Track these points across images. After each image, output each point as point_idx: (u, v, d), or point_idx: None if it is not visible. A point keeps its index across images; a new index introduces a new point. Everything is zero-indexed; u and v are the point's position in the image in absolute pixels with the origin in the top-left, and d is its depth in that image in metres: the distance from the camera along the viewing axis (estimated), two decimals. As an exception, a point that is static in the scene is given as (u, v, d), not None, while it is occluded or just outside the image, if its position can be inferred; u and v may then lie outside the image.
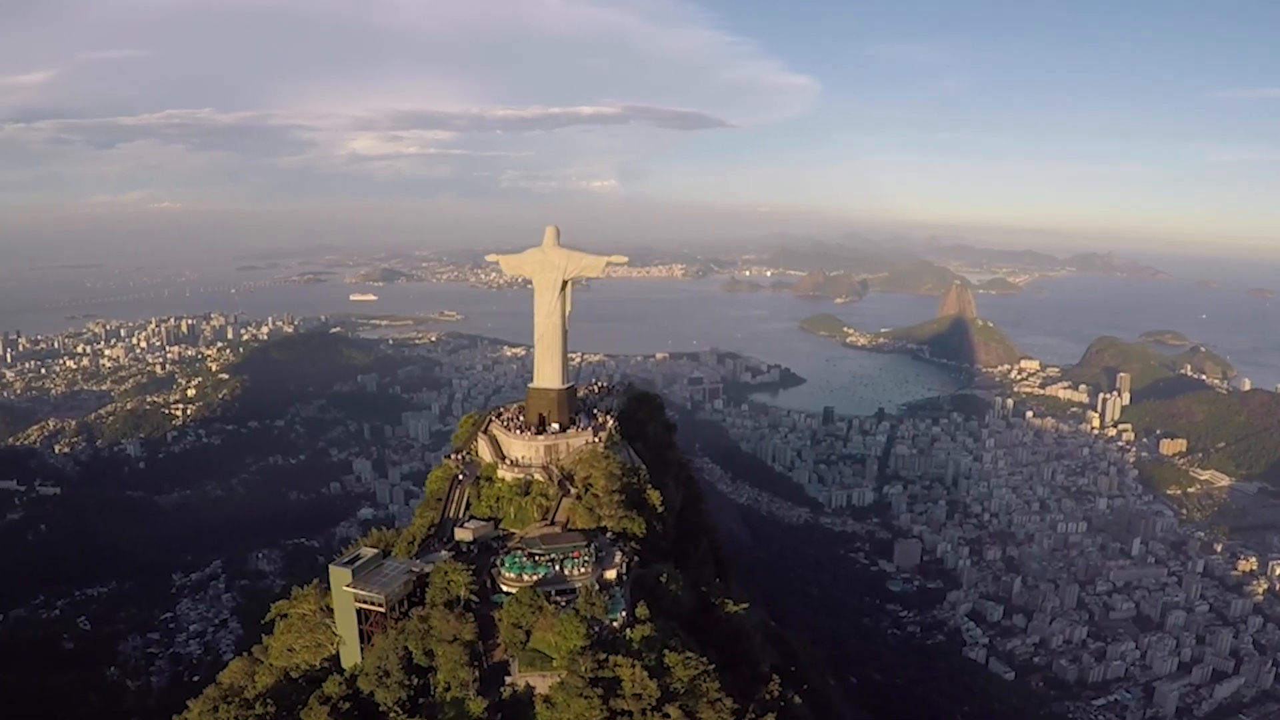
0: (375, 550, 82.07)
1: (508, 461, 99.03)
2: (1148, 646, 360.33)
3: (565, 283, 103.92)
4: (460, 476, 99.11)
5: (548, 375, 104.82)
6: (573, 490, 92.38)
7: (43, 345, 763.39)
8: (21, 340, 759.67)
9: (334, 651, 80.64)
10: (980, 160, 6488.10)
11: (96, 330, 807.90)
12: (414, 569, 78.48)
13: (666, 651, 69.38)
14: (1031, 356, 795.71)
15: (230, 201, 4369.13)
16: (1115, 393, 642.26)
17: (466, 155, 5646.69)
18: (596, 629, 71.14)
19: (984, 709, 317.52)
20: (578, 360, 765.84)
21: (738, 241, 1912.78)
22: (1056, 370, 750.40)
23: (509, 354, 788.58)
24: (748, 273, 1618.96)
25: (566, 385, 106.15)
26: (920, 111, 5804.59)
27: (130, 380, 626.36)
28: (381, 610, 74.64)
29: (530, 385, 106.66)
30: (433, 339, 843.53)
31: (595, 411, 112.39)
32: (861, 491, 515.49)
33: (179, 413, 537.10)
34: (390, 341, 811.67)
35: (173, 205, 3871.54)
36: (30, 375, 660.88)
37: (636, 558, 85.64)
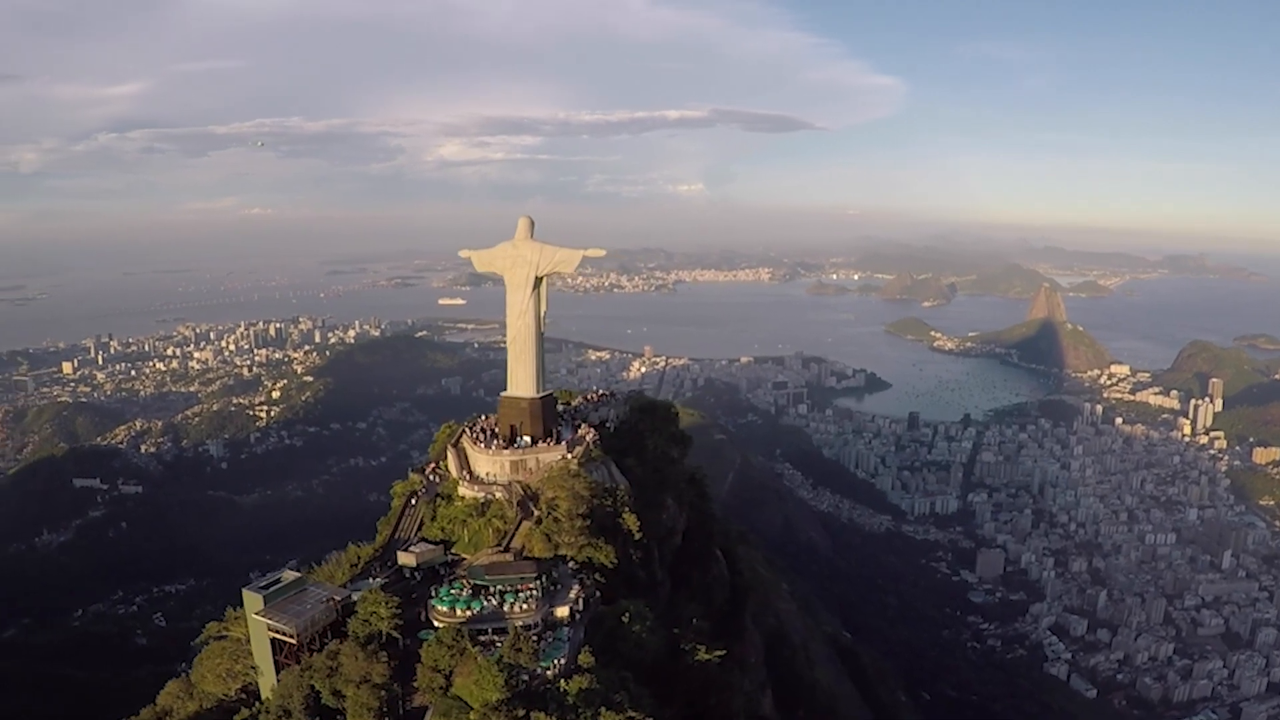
0: (297, 574, 74.58)
1: (472, 478, 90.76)
2: (1236, 665, 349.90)
3: (540, 280, 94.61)
4: (419, 492, 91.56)
5: (520, 382, 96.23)
6: (535, 512, 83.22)
7: (133, 348, 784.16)
8: (113, 343, 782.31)
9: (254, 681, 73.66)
10: (1070, 159, 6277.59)
11: (186, 333, 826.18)
12: (335, 597, 70.90)
13: (604, 710, 59.77)
14: (1121, 361, 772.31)
15: (320, 207, 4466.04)
16: (1207, 399, 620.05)
17: (553, 160, 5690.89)
18: (522, 678, 61.99)
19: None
20: (661, 364, 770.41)
21: (825, 245, 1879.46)
22: (1147, 375, 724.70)
23: (593, 357, 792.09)
24: (834, 276, 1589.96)
25: (542, 394, 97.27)
26: (1007, 110, 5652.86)
27: (217, 382, 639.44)
28: (293, 642, 67.19)
29: (502, 394, 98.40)
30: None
31: (581, 423, 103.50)
32: (945, 499, 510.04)
33: (263, 414, 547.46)
34: (476, 345, 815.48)
35: (263, 211, 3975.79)
36: (120, 377, 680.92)
37: (599, 593, 76.39)
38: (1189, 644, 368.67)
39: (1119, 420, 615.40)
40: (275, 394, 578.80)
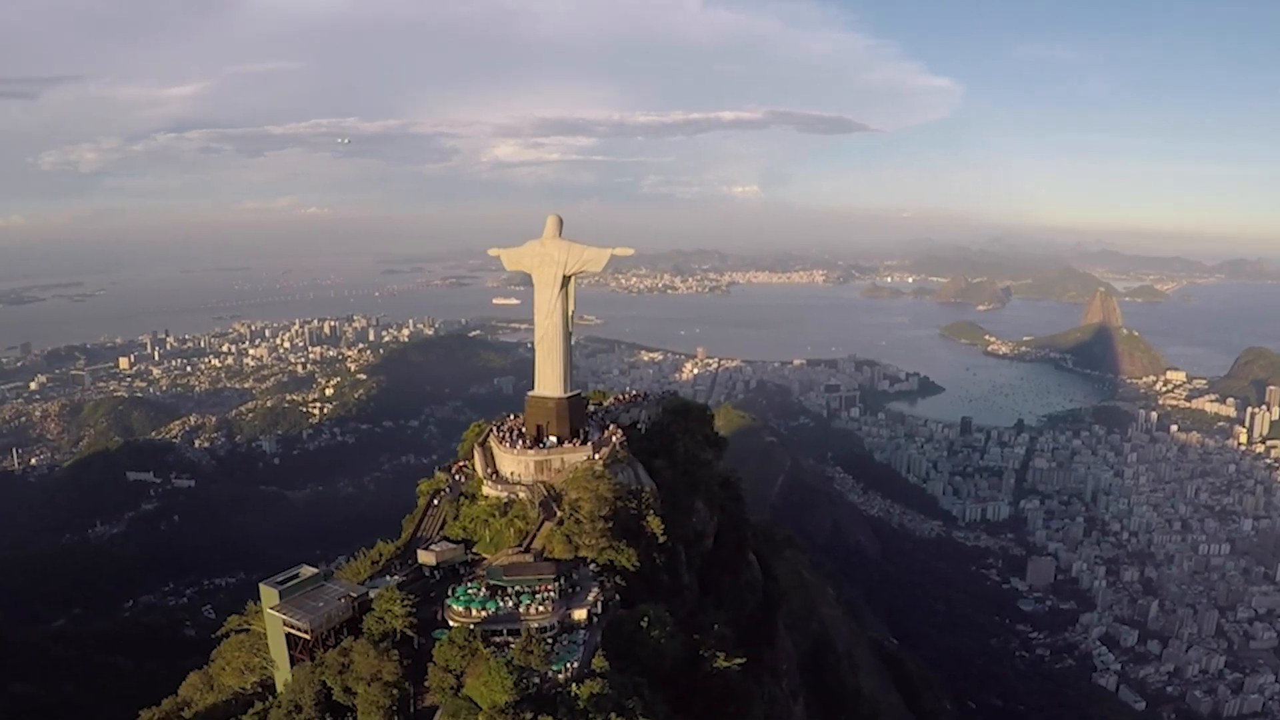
0: (315, 570, 74.23)
1: (498, 477, 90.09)
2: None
3: (568, 279, 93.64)
4: (444, 491, 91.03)
5: (548, 382, 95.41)
6: (558, 513, 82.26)
7: (189, 344, 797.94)
8: (169, 339, 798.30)
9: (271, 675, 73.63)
10: (1126, 162, 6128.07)
11: (242, 330, 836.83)
12: (352, 594, 70.50)
13: (614, 716, 58.46)
14: (1177, 367, 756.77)
15: (375, 207, 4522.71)
16: (1265, 407, 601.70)
17: (608, 161, 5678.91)
18: (533, 681, 60.99)
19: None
20: (714, 366, 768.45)
21: (880, 247, 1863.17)
22: (1203, 382, 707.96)
23: (646, 358, 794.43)
24: (889, 279, 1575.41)
25: (570, 394, 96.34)
26: (1064, 113, 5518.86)
27: (271, 379, 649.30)
28: (307, 637, 66.89)
29: (529, 393, 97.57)
30: (570, 342, 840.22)
31: (610, 424, 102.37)
32: (997, 505, 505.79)
33: (316, 411, 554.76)
34: (529, 345, 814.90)
35: (319, 211, 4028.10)
36: (176, 372, 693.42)
37: (618, 596, 75.12)
38: (1241, 657, 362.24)
39: (1174, 427, 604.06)
40: (328, 391, 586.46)
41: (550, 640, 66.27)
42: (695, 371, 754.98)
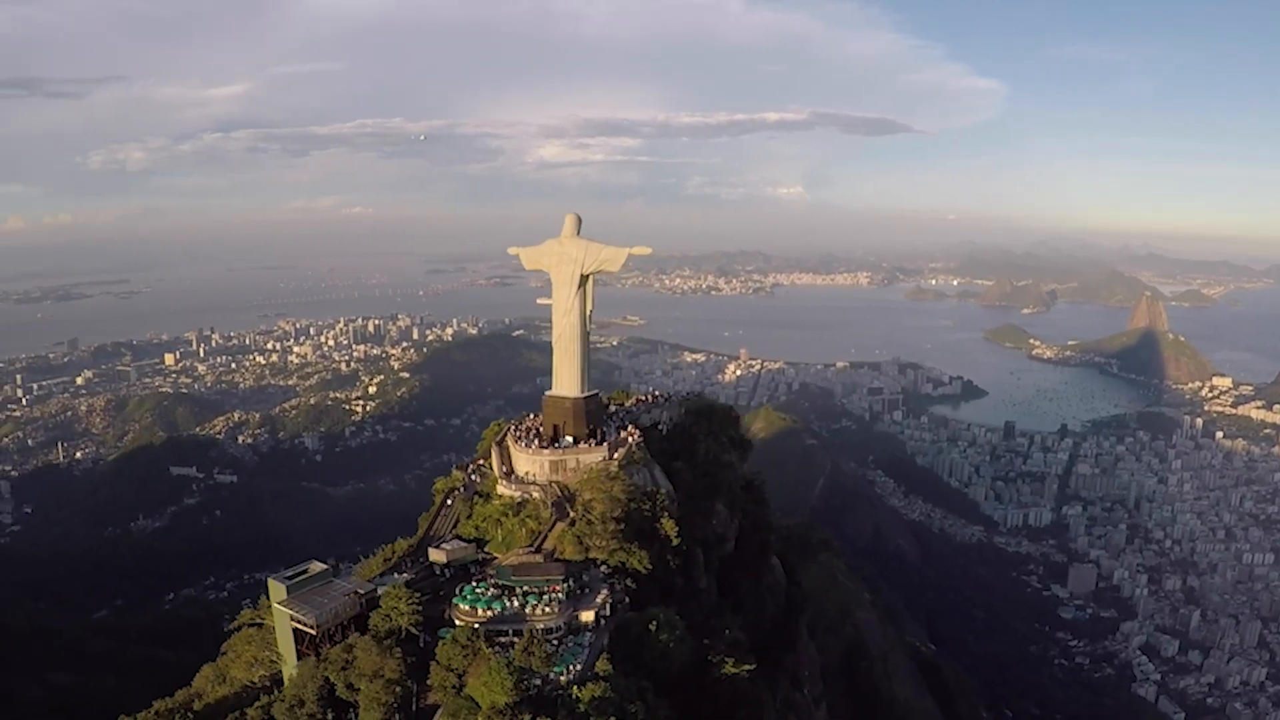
0: (324, 566, 74.37)
1: (513, 477, 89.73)
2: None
3: (585, 278, 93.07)
4: (459, 490, 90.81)
5: (565, 381, 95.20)
6: (571, 514, 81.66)
7: (234, 341, 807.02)
8: (214, 336, 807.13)
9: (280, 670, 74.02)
10: (1173, 164, 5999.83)
11: (287, 328, 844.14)
12: (359, 591, 70.49)
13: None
14: (1224, 373, 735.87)
15: (420, 207, 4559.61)
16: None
17: (653, 162, 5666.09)
18: (533, 683, 60.49)
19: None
20: (756, 367, 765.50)
21: (924, 249, 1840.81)
22: (1250, 389, 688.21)
23: (689, 359, 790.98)
24: (933, 281, 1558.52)
25: (586, 394, 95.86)
26: (1110, 114, 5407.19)
27: (315, 377, 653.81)
28: (313, 633, 66.96)
29: (546, 393, 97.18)
30: (614, 343, 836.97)
31: (629, 425, 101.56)
32: (1039, 511, 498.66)
33: (359, 409, 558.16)
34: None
35: (364, 210, 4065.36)
36: (220, 369, 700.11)
37: (628, 599, 74.35)
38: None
39: (1219, 434, 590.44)
40: (372, 389, 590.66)
41: (555, 642, 65.78)
42: (738, 373, 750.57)
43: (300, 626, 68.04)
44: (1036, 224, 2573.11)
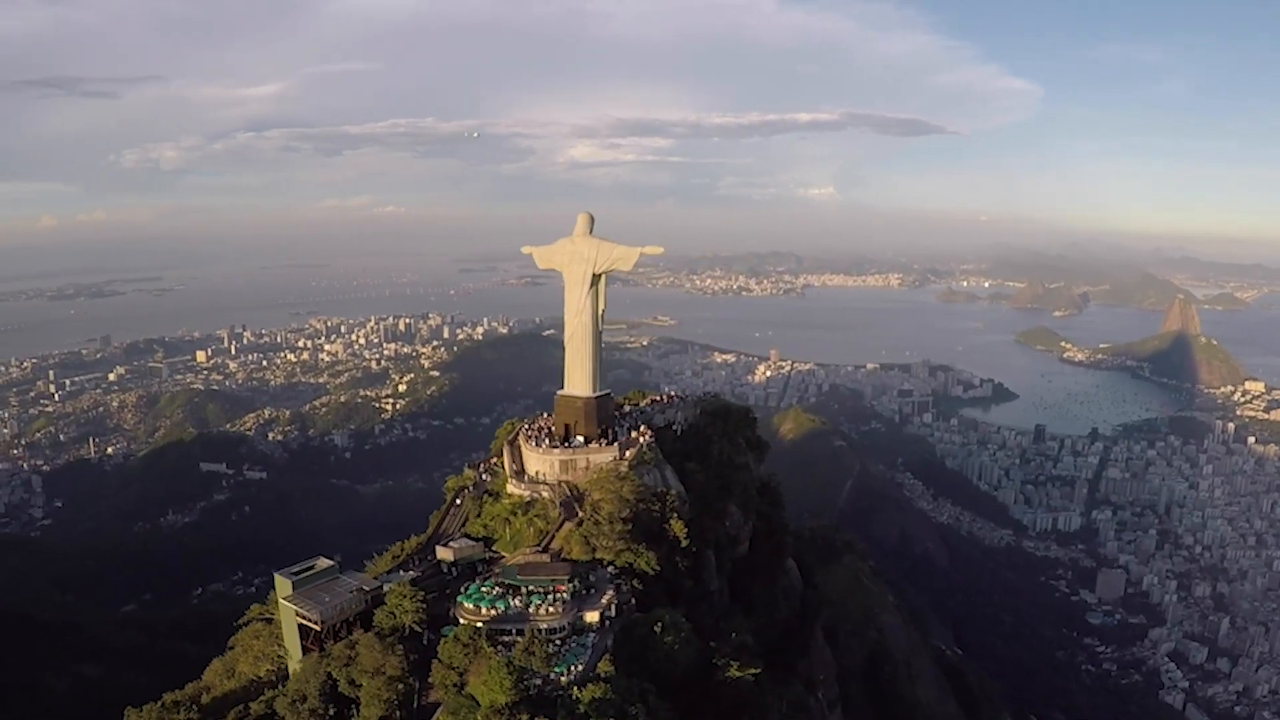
0: (330, 562, 74.55)
1: (524, 476, 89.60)
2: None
3: (598, 277, 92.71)
4: (469, 488, 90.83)
5: (577, 381, 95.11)
6: (578, 514, 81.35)
7: (266, 339, 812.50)
8: (246, 333, 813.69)
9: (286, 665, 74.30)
10: (1206, 167, 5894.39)
11: (318, 326, 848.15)
12: (364, 588, 70.60)
13: (613, 721, 57.67)
14: (1257, 378, 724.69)
15: (452, 206, 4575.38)
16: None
17: (684, 162, 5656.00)
18: (534, 683, 60.30)
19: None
20: (787, 368, 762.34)
21: (956, 251, 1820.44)
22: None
23: (719, 360, 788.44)
24: (965, 283, 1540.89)
25: (598, 393, 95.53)
26: (1145, 116, 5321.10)
27: (346, 374, 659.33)
28: (317, 628, 67.14)
29: (558, 392, 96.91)
30: (644, 343, 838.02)
31: (642, 425, 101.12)
32: (1068, 515, 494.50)
33: (389, 407, 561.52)
34: (602, 345, 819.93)
35: (397, 209, 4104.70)
36: (252, 366, 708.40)
37: (634, 600, 73.95)
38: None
39: (1252, 440, 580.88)
40: (402, 387, 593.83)
41: (557, 642, 65.57)
42: (768, 374, 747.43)
43: (305, 622, 68.26)
44: (1069, 226, 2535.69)
